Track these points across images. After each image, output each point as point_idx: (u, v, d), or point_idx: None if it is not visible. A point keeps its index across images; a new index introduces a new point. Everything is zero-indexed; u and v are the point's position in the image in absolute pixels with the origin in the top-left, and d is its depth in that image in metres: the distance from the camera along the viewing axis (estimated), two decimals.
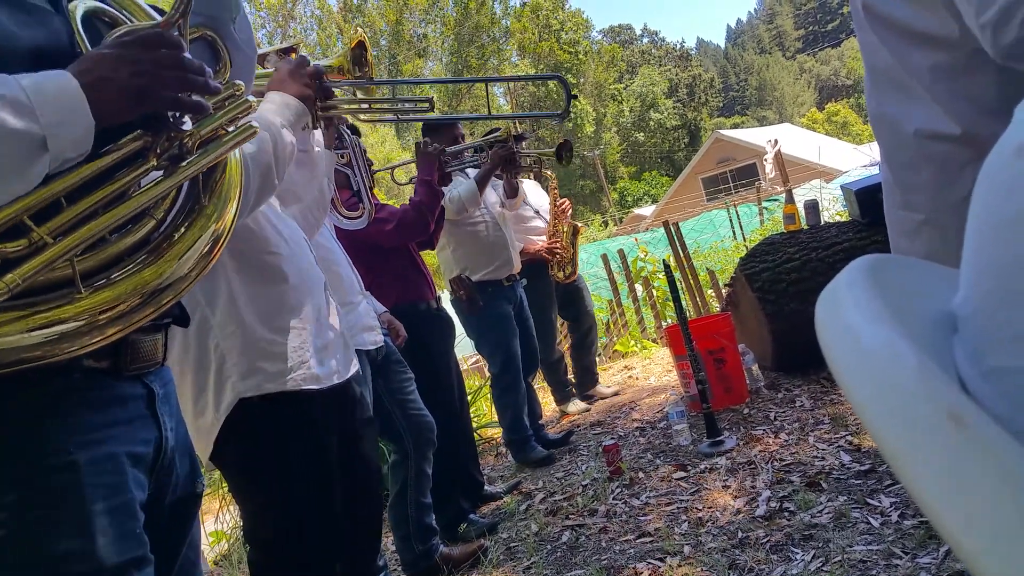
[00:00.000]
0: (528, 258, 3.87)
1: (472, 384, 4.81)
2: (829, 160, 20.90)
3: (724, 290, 4.33)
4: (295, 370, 1.38)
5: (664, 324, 6.00)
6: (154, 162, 0.81)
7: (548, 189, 4.16)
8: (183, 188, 0.89)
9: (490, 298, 3.33)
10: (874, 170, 6.24)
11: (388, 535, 2.59)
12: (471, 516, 2.82)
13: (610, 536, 2.35)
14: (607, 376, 5.07)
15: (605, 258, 7.32)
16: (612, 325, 6.39)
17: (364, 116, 1.69)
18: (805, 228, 3.59)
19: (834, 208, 8.39)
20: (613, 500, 2.64)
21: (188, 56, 0.82)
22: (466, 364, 6.00)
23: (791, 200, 3.90)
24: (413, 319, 2.66)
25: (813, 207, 3.72)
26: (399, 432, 2.37)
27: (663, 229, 7.01)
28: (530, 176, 3.88)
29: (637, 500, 2.57)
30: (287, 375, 1.36)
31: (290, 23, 33.42)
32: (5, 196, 0.70)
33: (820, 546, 1.89)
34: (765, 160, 15.10)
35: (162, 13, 0.89)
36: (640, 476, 2.78)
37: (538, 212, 4.13)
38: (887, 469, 2.17)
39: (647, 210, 27.92)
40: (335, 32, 32.95)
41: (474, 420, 3.72)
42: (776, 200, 10.63)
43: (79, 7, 0.84)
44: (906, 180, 1.31)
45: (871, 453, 2.34)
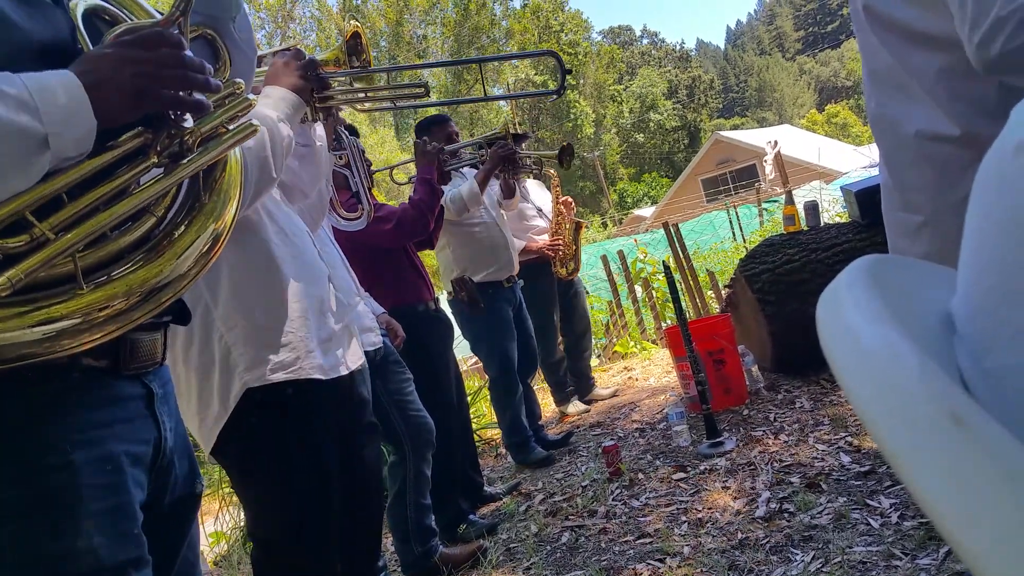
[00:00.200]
0: (530, 257, 3.85)
1: (472, 385, 4.80)
2: (829, 161, 20.91)
3: (724, 291, 4.32)
4: (301, 360, 1.38)
5: (664, 325, 6.00)
6: (155, 159, 0.81)
7: (550, 187, 4.15)
8: (183, 186, 0.89)
9: (490, 300, 3.32)
10: (874, 171, 6.22)
11: (387, 536, 2.58)
12: (471, 517, 2.82)
13: (610, 537, 2.35)
14: (607, 377, 5.07)
15: (605, 259, 7.31)
16: (612, 326, 6.39)
17: (361, 107, 1.68)
18: (805, 229, 3.59)
19: (834, 209, 8.38)
20: (613, 501, 2.63)
21: (189, 54, 0.81)
22: (466, 365, 5.99)
23: (791, 201, 3.90)
24: (411, 320, 2.65)
25: (813, 208, 3.71)
26: (398, 433, 2.37)
27: (663, 230, 7.01)
28: (531, 176, 3.87)
29: (637, 501, 2.57)
30: (292, 365, 1.37)
31: (289, 24, 33.47)
32: (5, 192, 0.70)
33: (820, 547, 1.89)
34: (765, 161, 15.09)
35: (162, 13, 0.89)
36: (640, 477, 2.78)
37: (540, 211, 4.12)
38: (887, 470, 2.17)
39: (647, 211, 27.93)
40: (334, 33, 32.95)
41: (474, 421, 3.71)
42: (776, 201, 10.63)
43: (80, 5, 0.84)
44: (906, 181, 1.31)
45: (871, 454, 2.34)
